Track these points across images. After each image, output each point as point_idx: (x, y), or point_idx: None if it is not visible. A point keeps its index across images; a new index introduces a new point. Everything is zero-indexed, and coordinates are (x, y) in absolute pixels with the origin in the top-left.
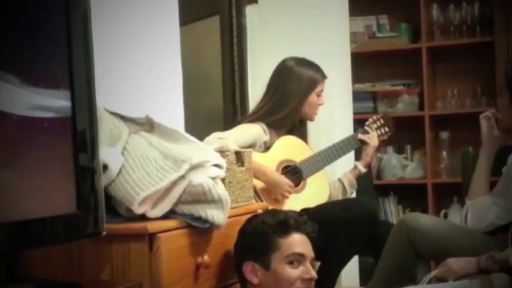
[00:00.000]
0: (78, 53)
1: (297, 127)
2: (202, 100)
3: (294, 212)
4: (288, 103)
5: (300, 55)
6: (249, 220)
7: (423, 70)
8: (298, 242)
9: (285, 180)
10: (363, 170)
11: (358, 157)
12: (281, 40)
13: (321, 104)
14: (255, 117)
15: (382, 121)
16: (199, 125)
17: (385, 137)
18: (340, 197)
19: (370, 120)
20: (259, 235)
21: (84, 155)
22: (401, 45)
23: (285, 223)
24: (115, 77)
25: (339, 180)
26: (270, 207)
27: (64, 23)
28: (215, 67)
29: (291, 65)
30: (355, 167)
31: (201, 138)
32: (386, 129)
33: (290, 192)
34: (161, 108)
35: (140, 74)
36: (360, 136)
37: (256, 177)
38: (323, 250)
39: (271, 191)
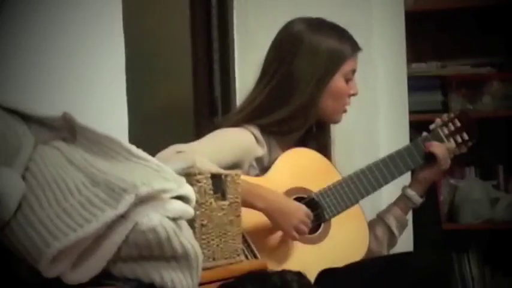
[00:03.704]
0: None
1: (314, 134)
2: (159, 90)
3: (295, 273)
4: (295, 93)
5: (317, 15)
6: None
7: None
8: None
9: (300, 207)
10: (418, 200)
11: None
12: None
13: (353, 95)
14: (242, 118)
15: (459, 123)
16: (153, 130)
17: (464, 150)
18: (385, 249)
19: (439, 121)
20: None
21: None
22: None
23: None
24: (14, 52)
25: (380, 218)
26: (268, 267)
27: None
28: (180, 37)
29: (301, 31)
30: (404, 195)
31: (156, 152)
32: (466, 136)
33: (308, 226)
34: (91, 102)
35: (57, 47)
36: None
37: (248, 205)
38: None
39: (277, 224)
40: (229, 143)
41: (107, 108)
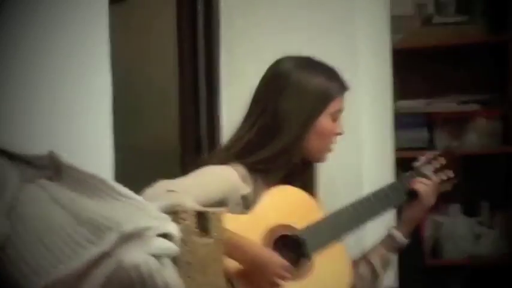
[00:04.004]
0: None
1: (299, 172)
2: (145, 127)
3: None
4: (282, 132)
5: (305, 53)
6: None
7: (510, 78)
8: None
9: (275, 259)
10: (404, 240)
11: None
12: (273, 31)
13: (339, 134)
14: (228, 155)
15: (444, 161)
16: (139, 167)
17: (448, 188)
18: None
19: (423, 159)
20: None
21: None
22: (475, 37)
23: None
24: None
25: (365, 258)
26: None
27: None
28: (167, 74)
29: (289, 69)
30: (390, 235)
31: (142, 189)
32: (451, 174)
33: (284, 278)
34: (77, 140)
35: (41, 88)
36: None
37: (229, 255)
38: None
39: (254, 277)
40: (216, 180)
41: (93, 146)
